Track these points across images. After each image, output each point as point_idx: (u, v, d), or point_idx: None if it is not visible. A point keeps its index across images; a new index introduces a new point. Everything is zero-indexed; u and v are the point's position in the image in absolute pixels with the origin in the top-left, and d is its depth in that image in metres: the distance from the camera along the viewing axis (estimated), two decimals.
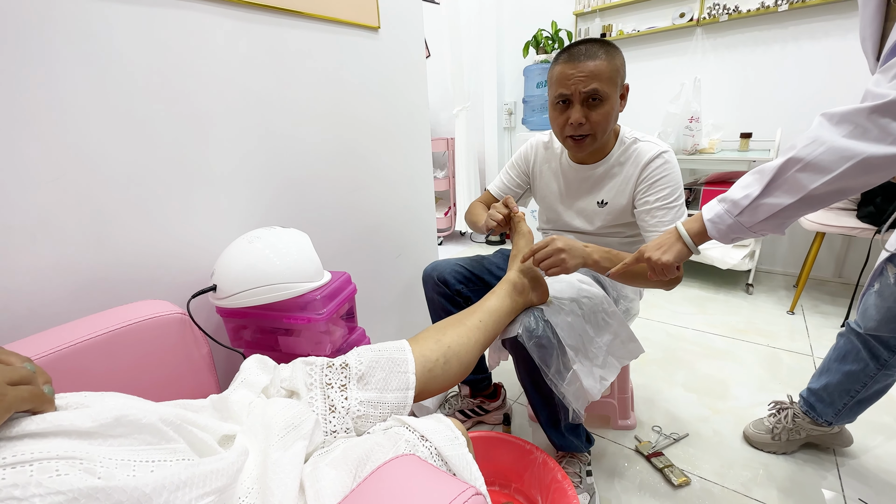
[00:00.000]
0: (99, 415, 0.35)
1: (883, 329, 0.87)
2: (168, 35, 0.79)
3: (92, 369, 0.60)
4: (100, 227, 0.74)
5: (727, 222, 0.66)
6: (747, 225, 0.64)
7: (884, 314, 0.86)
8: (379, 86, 1.25)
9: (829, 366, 1.01)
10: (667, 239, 0.74)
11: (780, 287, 2.11)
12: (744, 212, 0.64)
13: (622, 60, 0.88)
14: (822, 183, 0.56)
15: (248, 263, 0.78)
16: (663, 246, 0.73)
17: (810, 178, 0.57)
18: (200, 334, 0.74)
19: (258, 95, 0.95)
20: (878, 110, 0.51)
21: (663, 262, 0.72)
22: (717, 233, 0.68)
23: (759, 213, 0.63)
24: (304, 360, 0.63)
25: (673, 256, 0.72)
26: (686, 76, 2.13)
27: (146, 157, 0.78)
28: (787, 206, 0.60)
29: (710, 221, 0.68)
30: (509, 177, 1.16)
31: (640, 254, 0.76)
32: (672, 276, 0.76)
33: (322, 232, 1.13)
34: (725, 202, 0.66)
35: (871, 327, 0.89)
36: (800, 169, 0.57)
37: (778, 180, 0.60)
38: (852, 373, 0.95)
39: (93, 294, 0.74)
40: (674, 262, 0.72)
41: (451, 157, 3.00)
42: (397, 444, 0.51)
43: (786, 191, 0.59)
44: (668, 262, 0.72)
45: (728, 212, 0.66)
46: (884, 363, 0.90)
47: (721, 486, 1.02)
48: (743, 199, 0.64)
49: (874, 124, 0.52)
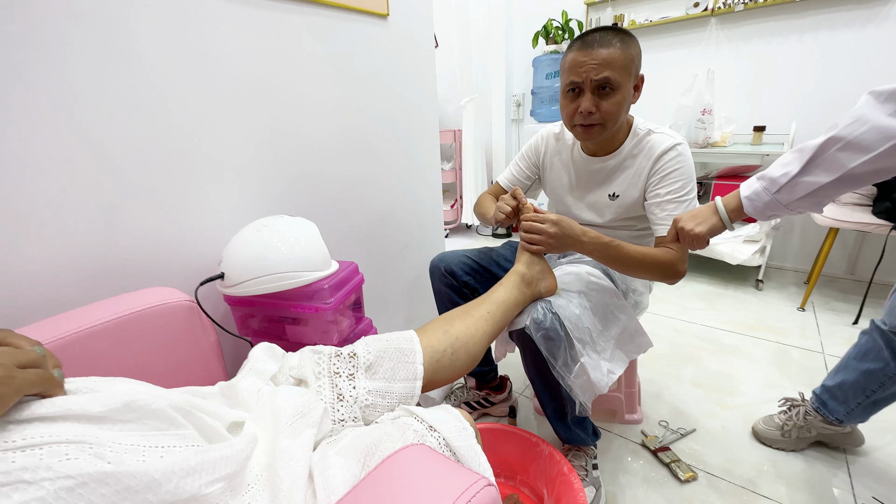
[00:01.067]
0: (109, 399, 0.35)
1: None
2: (178, 23, 0.78)
3: (101, 355, 0.60)
4: (110, 214, 0.74)
5: (764, 199, 0.67)
6: (784, 202, 0.65)
7: None
8: (388, 75, 1.24)
9: (847, 363, 0.99)
10: (703, 211, 0.75)
11: (791, 283, 2.08)
12: (782, 189, 0.64)
13: (638, 50, 0.86)
14: (862, 162, 0.56)
15: (255, 252, 0.78)
16: (698, 217, 0.75)
17: (850, 156, 0.57)
18: (208, 322, 0.74)
19: (267, 83, 0.94)
20: None
21: (696, 232, 0.73)
22: (754, 210, 0.69)
23: (797, 190, 0.63)
24: (311, 348, 0.63)
25: (706, 229, 0.73)
26: (699, 68, 2.08)
27: (155, 145, 0.78)
28: (826, 184, 0.60)
29: (747, 198, 0.69)
30: (519, 168, 1.14)
31: (675, 223, 0.78)
32: (702, 247, 0.77)
33: (330, 221, 1.13)
34: (764, 179, 0.67)
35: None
36: (840, 148, 0.57)
37: (818, 159, 0.60)
38: (870, 371, 0.93)
39: (102, 280, 0.74)
40: (706, 235, 0.74)
41: (459, 149, 2.98)
42: (405, 434, 0.51)
43: (825, 169, 0.59)
44: (700, 234, 0.73)
45: (766, 189, 0.66)
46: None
47: (728, 481, 1.01)
48: (781, 177, 0.64)
49: None
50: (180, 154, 0.82)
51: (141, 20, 0.73)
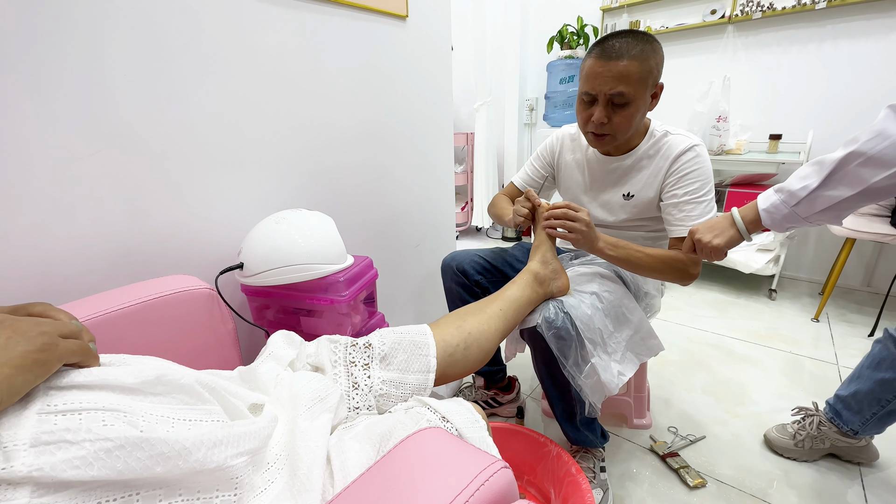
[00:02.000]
0: (141, 372, 0.36)
1: None
2: (208, 19, 0.80)
3: (125, 337, 0.62)
4: (135, 202, 0.77)
5: (783, 212, 0.67)
6: (803, 215, 0.65)
7: None
8: (405, 76, 1.26)
9: (861, 373, 0.98)
10: (720, 223, 0.75)
11: (805, 294, 2.05)
12: (801, 203, 0.64)
13: (659, 59, 0.85)
14: (885, 177, 0.56)
15: (274, 243, 0.79)
16: (715, 229, 0.75)
17: (872, 172, 0.57)
18: (227, 310, 0.76)
19: (291, 80, 0.96)
20: None
21: (714, 244, 0.73)
22: (772, 222, 0.69)
23: (817, 204, 0.63)
24: (328, 337, 0.64)
25: (724, 241, 0.73)
26: (715, 75, 2.08)
27: (181, 137, 0.80)
28: (847, 198, 0.60)
29: (765, 211, 0.69)
30: (534, 168, 1.15)
31: (692, 234, 0.78)
32: (720, 258, 0.76)
33: (346, 216, 1.14)
34: (782, 192, 0.67)
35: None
36: (861, 163, 0.57)
37: (838, 173, 0.60)
38: (885, 381, 0.92)
39: (127, 266, 0.77)
40: (724, 247, 0.73)
41: (471, 151, 2.99)
42: (419, 423, 0.52)
43: (846, 184, 0.60)
44: (718, 246, 0.73)
45: (784, 202, 0.66)
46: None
47: (738, 489, 1.00)
48: (801, 191, 0.64)
49: None
50: (205, 146, 0.84)
51: (173, 15, 0.75)
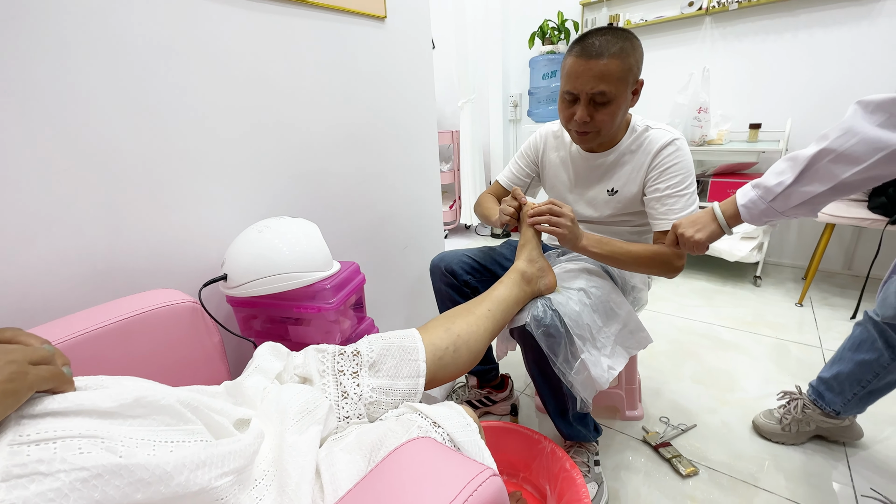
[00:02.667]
0: (119, 395, 0.35)
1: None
2: (178, 25, 0.78)
3: (106, 356, 0.61)
4: (113, 216, 0.75)
5: (760, 207, 0.68)
6: (780, 210, 0.67)
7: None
8: (386, 77, 1.25)
9: (842, 355, 1.00)
10: (701, 218, 0.77)
11: (788, 279, 2.09)
12: (777, 198, 0.66)
13: (639, 55, 0.86)
14: (854, 172, 0.57)
15: (257, 253, 0.78)
16: (697, 224, 0.77)
17: (843, 168, 0.58)
18: (212, 323, 0.74)
19: (268, 86, 0.95)
20: None
21: (696, 239, 0.75)
22: (751, 217, 0.70)
23: (792, 199, 0.65)
24: (316, 347, 0.64)
25: (706, 235, 0.75)
26: (695, 66, 2.10)
27: (157, 148, 0.79)
28: (820, 193, 0.62)
29: (744, 206, 0.70)
30: (518, 166, 1.15)
31: (674, 229, 0.80)
32: (702, 252, 0.78)
33: (330, 222, 1.13)
34: (759, 188, 0.68)
35: (890, 316, 0.88)
36: (832, 160, 0.59)
37: (810, 170, 0.61)
38: (865, 362, 0.94)
39: (106, 283, 0.75)
40: (706, 241, 0.75)
41: (456, 150, 2.99)
42: (410, 430, 0.51)
43: (818, 179, 0.61)
44: (700, 241, 0.75)
45: (762, 198, 0.68)
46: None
47: (729, 475, 1.02)
48: (776, 187, 0.65)
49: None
50: (183, 157, 0.82)
51: (144, 21, 0.74)
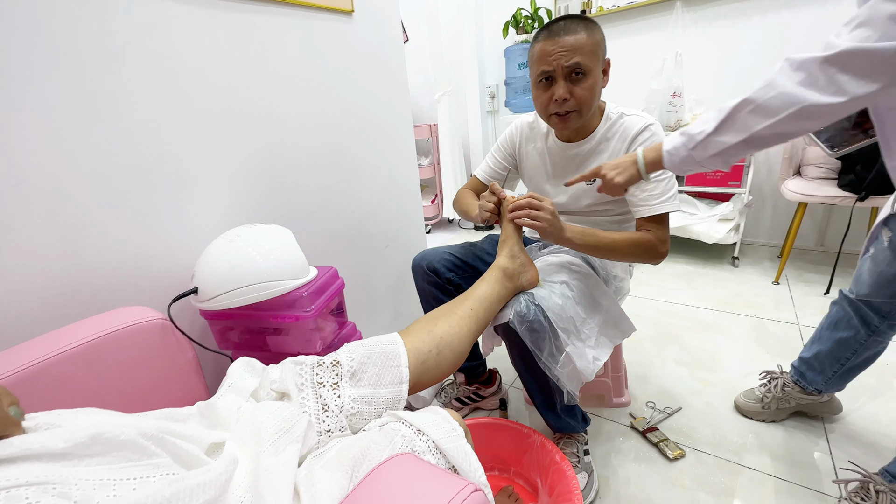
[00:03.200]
0: (72, 435, 0.33)
1: (875, 294, 0.88)
2: (136, 29, 0.74)
3: (71, 382, 0.58)
4: (71, 234, 0.71)
5: (682, 155, 0.70)
6: (698, 159, 0.68)
7: (876, 279, 0.87)
8: (356, 72, 1.21)
9: (820, 334, 1.03)
10: (624, 162, 0.79)
11: (765, 258, 2.14)
12: (697, 146, 0.68)
13: (602, 35, 0.88)
14: (766, 125, 0.59)
15: (229, 263, 0.75)
16: (619, 167, 0.79)
17: (756, 120, 0.60)
18: (184, 339, 0.72)
19: (232, 87, 0.91)
20: (828, 60, 0.53)
21: (616, 182, 0.78)
22: (672, 163, 0.72)
23: (710, 148, 0.66)
24: (293, 360, 0.62)
25: (625, 179, 0.78)
26: (667, 51, 2.11)
27: (117, 158, 0.75)
28: (733, 144, 0.64)
29: (668, 152, 0.72)
30: (495, 160, 1.14)
31: (598, 169, 0.82)
32: (620, 195, 0.82)
33: (306, 227, 1.10)
34: (684, 135, 0.70)
35: (864, 293, 0.89)
36: (750, 111, 0.60)
37: (730, 119, 0.63)
38: (843, 340, 0.96)
39: (69, 303, 0.71)
40: (624, 184, 0.79)
41: (436, 143, 2.96)
42: (394, 441, 0.50)
43: (735, 130, 0.63)
44: (619, 183, 0.78)
45: (684, 144, 0.69)
46: (874, 329, 0.91)
47: (715, 456, 1.04)
48: (698, 135, 0.67)
49: (824, 73, 0.54)
50: (145, 167, 0.78)
51: (93, 23, 0.69)
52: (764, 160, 2.17)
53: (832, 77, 0.53)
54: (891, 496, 0.80)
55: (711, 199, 2.22)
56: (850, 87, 0.52)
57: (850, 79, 0.52)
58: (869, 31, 0.51)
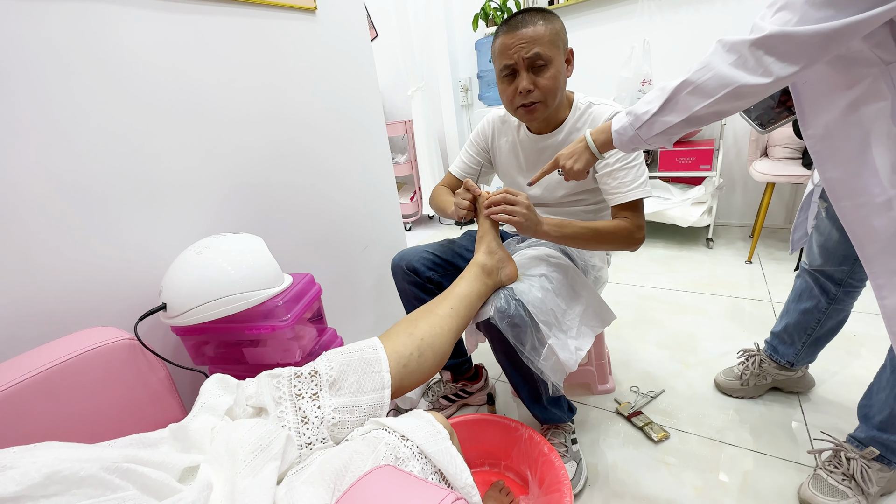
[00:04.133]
0: (24, 476, 0.31)
1: (826, 264, 0.93)
2: (84, 34, 0.70)
3: (30, 415, 0.55)
4: (28, 253, 0.67)
5: (629, 134, 0.72)
6: (644, 137, 0.70)
7: (822, 248, 0.91)
8: (322, 72, 1.18)
9: (788, 307, 1.07)
10: (577, 148, 0.81)
11: (738, 238, 2.20)
12: (643, 126, 0.70)
13: (562, 25, 0.89)
14: (704, 105, 0.62)
15: (198, 276, 0.73)
16: (574, 155, 0.81)
17: (696, 100, 0.62)
18: (154, 358, 0.69)
19: (190, 94, 0.87)
20: (756, 43, 0.55)
21: (576, 169, 0.80)
22: (620, 143, 0.74)
23: (654, 128, 0.68)
24: (269, 373, 0.60)
25: (582, 164, 0.80)
26: (635, 39, 2.13)
27: (71, 172, 0.71)
28: (676, 123, 0.66)
29: (616, 132, 0.74)
30: (469, 155, 1.13)
31: (556, 161, 0.84)
32: (584, 178, 0.83)
33: (278, 234, 1.08)
34: (631, 115, 0.72)
35: (818, 264, 0.95)
36: (689, 91, 0.63)
37: (672, 101, 0.65)
38: (807, 310, 1.01)
39: (27, 330, 0.68)
40: (584, 169, 0.80)
41: (411, 139, 2.93)
42: (377, 449, 0.49)
43: (677, 110, 0.65)
44: (580, 170, 0.80)
45: (631, 124, 0.71)
46: (833, 297, 0.96)
47: (698, 435, 1.07)
48: (644, 115, 0.69)
49: (752, 56, 0.56)
50: (102, 179, 0.75)
51: (35, 28, 0.65)
52: (733, 143, 2.22)
53: (759, 59, 0.55)
54: (861, 463, 0.84)
55: (684, 184, 2.27)
56: (775, 69, 0.55)
57: (774, 61, 0.54)
58: (789, 14, 0.53)
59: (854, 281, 0.93)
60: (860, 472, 0.83)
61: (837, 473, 0.86)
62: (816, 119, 0.66)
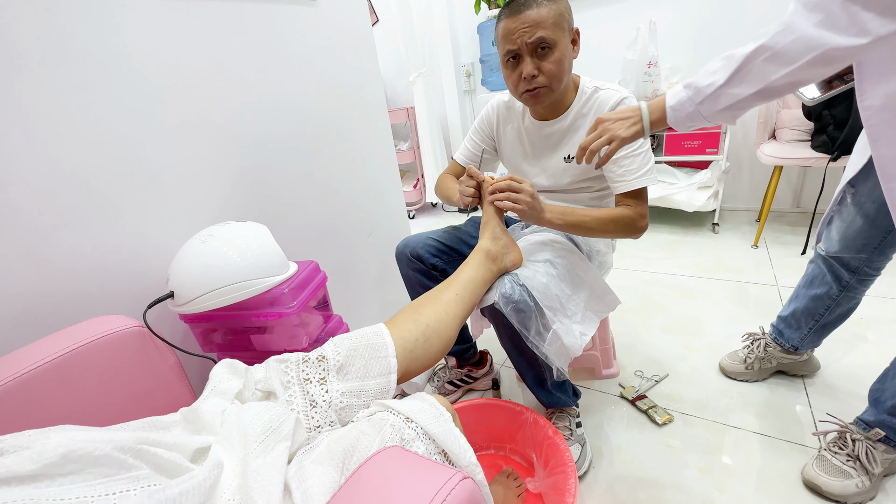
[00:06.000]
0: (41, 455, 0.32)
1: (844, 251, 0.91)
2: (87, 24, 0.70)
3: (45, 400, 0.56)
4: (36, 245, 0.68)
5: (688, 110, 0.65)
6: (705, 114, 0.64)
7: (843, 235, 0.89)
8: (323, 59, 1.17)
9: (797, 292, 1.06)
10: (632, 115, 0.73)
11: (744, 223, 2.18)
12: (706, 100, 0.63)
13: (566, 4, 0.86)
14: (784, 74, 0.55)
15: (204, 264, 0.73)
16: (626, 120, 0.73)
17: (774, 68, 0.55)
18: (164, 345, 0.70)
19: (194, 83, 0.87)
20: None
21: (622, 136, 0.72)
22: (676, 120, 0.67)
23: (720, 102, 0.62)
24: (277, 358, 0.61)
25: (630, 134, 0.72)
26: (641, 20, 2.08)
27: (78, 161, 0.71)
28: (746, 96, 0.59)
29: (672, 108, 0.67)
30: (473, 142, 1.12)
31: (599, 122, 0.76)
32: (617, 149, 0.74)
33: (282, 222, 1.08)
34: (690, 89, 0.65)
35: (835, 250, 0.92)
36: (767, 58, 0.55)
37: (744, 69, 0.58)
38: (817, 296, 1.00)
39: (39, 318, 0.69)
40: (630, 139, 0.73)
41: (414, 126, 2.91)
42: (383, 430, 0.50)
43: (749, 80, 0.58)
44: (624, 138, 0.72)
45: (690, 99, 0.64)
46: (845, 285, 0.95)
47: (702, 418, 1.08)
48: (707, 87, 0.62)
49: (846, 12, 0.49)
50: (109, 168, 0.75)
51: (28, 17, 0.65)
52: (740, 125, 2.18)
53: (854, 16, 0.47)
54: (866, 444, 0.84)
55: (690, 168, 2.24)
56: (874, 27, 0.47)
57: (874, 17, 0.46)
58: None
59: (870, 270, 0.91)
60: (865, 452, 0.84)
61: (842, 454, 0.86)
62: (877, 89, 0.59)
